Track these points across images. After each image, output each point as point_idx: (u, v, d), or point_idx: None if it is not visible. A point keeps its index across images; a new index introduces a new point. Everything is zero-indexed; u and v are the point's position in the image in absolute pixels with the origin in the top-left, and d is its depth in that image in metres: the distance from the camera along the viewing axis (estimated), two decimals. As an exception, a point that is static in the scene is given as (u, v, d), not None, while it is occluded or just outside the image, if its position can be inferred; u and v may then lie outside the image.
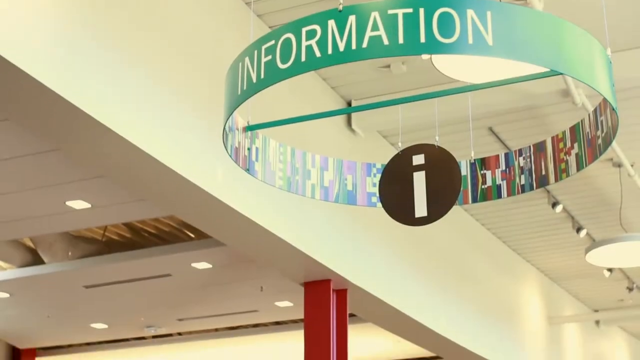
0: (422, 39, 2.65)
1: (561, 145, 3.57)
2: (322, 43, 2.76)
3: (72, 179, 7.60)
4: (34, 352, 13.30)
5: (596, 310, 15.09)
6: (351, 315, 8.63)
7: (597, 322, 15.31)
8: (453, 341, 10.15)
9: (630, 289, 13.19)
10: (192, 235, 10.08)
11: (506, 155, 3.72)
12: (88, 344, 13.55)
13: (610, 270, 12.29)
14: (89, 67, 5.23)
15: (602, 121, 3.34)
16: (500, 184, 3.68)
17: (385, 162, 3.61)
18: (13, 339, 12.88)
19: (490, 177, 3.70)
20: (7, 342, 12.99)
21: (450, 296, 10.34)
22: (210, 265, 9.65)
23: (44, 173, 7.51)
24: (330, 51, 2.74)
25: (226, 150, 3.39)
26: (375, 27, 2.69)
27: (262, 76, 2.93)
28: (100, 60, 5.33)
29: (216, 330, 12.90)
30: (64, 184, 7.69)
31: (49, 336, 12.92)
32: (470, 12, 2.66)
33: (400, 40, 2.67)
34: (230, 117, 3.26)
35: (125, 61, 5.56)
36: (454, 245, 10.66)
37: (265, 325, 12.50)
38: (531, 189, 3.63)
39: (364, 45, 2.69)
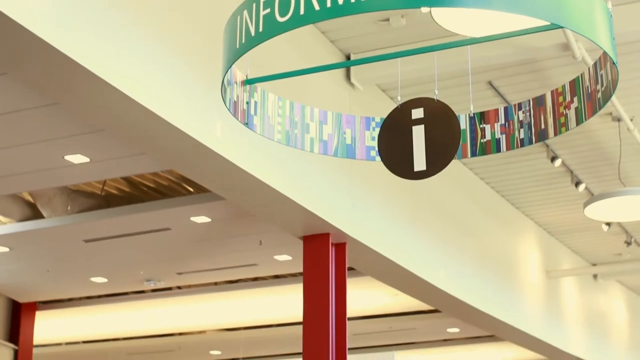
0: (422, -8, 2.63)
1: (561, 99, 3.56)
2: (321, -4, 2.74)
3: (70, 133, 7.58)
4: (35, 306, 13.36)
5: (594, 264, 15.14)
6: (350, 268, 8.66)
7: (595, 276, 15.38)
8: (451, 294, 10.20)
9: (628, 243, 13.24)
10: (191, 190, 10.09)
11: (505, 109, 3.72)
12: (88, 297, 13.61)
13: (608, 224, 12.32)
14: (89, 21, 5.20)
15: (602, 75, 3.32)
16: (499, 138, 3.68)
17: (384, 115, 3.60)
18: (13, 293, 12.93)
19: (490, 131, 3.70)
20: (7, 296, 13.04)
21: (449, 250, 10.38)
22: (209, 219, 9.66)
23: (42, 127, 7.49)
24: (329, 4, 2.72)
25: (225, 104, 3.38)
26: (374, -20, 2.66)
27: (261, 29, 2.91)
28: (100, 15, 5.30)
29: (215, 284, 12.94)
30: (62, 138, 7.68)
31: (49, 290, 12.96)
32: (470, -35, 2.64)
33: (400, -7, 2.65)
34: (229, 71, 3.25)
35: (125, 16, 5.53)
36: (453, 199, 10.68)
37: (264, 279, 12.54)
38: (530, 143, 3.62)
39: (363, -2, 2.67)
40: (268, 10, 2.88)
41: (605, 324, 15.83)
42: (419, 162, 3.40)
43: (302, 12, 2.77)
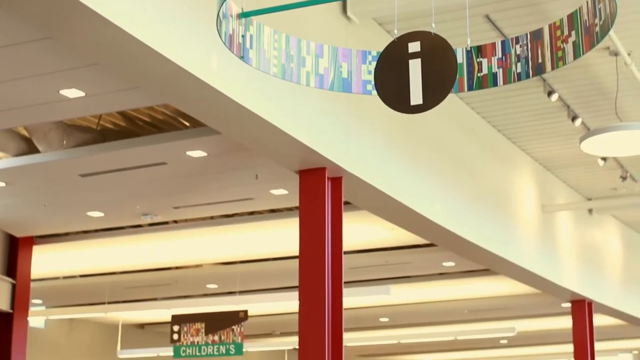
0: None
1: (558, 33, 3.54)
2: None
3: (65, 67, 7.53)
4: (32, 240, 13.40)
5: (589, 199, 15.19)
6: (346, 203, 8.69)
7: (590, 211, 15.43)
8: (447, 229, 10.25)
9: (623, 178, 13.26)
10: (187, 124, 10.07)
11: (503, 42, 3.70)
12: (85, 232, 13.65)
13: (604, 159, 12.34)
14: (80, -48, 5.14)
15: (600, 9, 3.30)
16: (496, 72, 3.67)
17: (381, 49, 3.58)
18: (10, 228, 12.97)
19: (487, 64, 3.68)
20: (4, 230, 13.09)
21: (445, 184, 10.40)
22: (205, 154, 9.66)
23: (37, 61, 7.44)
24: None
25: (220, 37, 3.36)
26: None
27: (256, -39, 2.88)
28: (92, -55, 5.24)
29: (212, 218, 12.97)
30: (57, 72, 7.64)
31: (45, 224, 13.00)
32: None
33: None
34: (224, 4, 3.22)
35: (116, -54, 5.46)
36: (449, 134, 10.67)
37: (260, 213, 12.56)
38: (527, 77, 3.61)
39: None
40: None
41: (599, 259, 15.93)
42: (416, 96, 3.39)
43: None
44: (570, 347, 15.52)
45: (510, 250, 12.05)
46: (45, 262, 15.17)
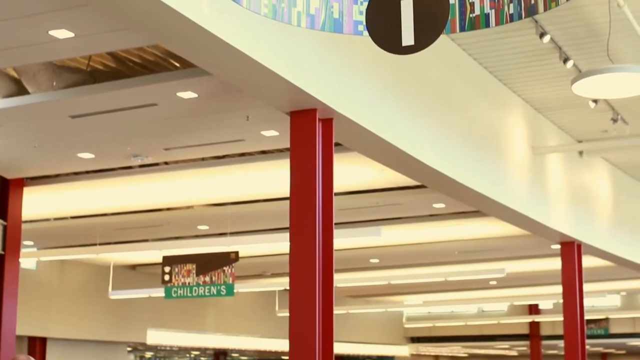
0: None
1: (551, -28, 3.52)
2: None
3: (55, 7, 7.47)
4: (22, 182, 13.38)
5: (580, 141, 15.21)
6: (337, 144, 8.68)
7: (581, 153, 15.46)
8: (438, 170, 10.26)
9: (614, 120, 13.27)
10: (178, 65, 10.01)
11: (495, -17, 3.67)
12: (75, 173, 13.62)
13: (595, 101, 12.33)
14: None
15: (593, -52, 3.28)
16: (488, 13, 3.64)
17: (373, -11, 3.55)
18: (1, 169, 12.95)
19: (479, 5, 3.66)
20: (-5, 172, 13.08)
21: (436, 125, 10.39)
22: (195, 95, 9.61)
23: (26, 2, 7.38)
24: None
25: (210, -24, 3.33)
26: None
27: None
28: None
29: (202, 159, 12.95)
30: (46, 13, 7.57)
31: (36, 166, 12.97)
32: None
33: None
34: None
35: None
36: (441, 75, 10.64)
37: (251, 154, 12.55)
38: (519, 18, 3.59)
39: None
40: None
41: (589, 201, 15.99)
42: (407, 37, 3.37)
43: None
44: (559, 289, 15.67)
45: (501, 191, 12.09)
46: (36, 203, 15.16)
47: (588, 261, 16.58)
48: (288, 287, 8.28)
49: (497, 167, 12.15)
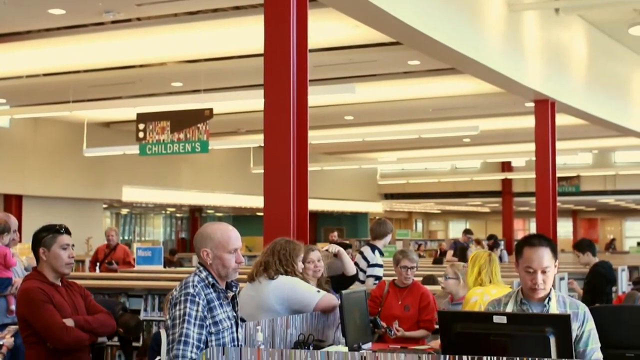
0: None
1: None
2: None
3: None
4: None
5: (556, -2, 15.07)
6: (311, 0, 8.57)
7: (557, 10, 15.32)
8: (413, 27, 10.17)
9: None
10: None
11: None
12: (47, 30, 13.42)
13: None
14: None
15: None
16: None
17: None
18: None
19: None
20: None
21: (412, -18, 10.25)
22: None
23: None
24: None
25: None
26: None
27: None
28: None
29: (175, 15, 12.76)
30: None
31: (6, 22, 12.77)
32: None
33: None
34: None
35: None
36: None
37: (224, 10, 12.37)
38: None
39: None
40: None
41: (565, 59, 15.96)
42: None
43: None
44: (532, 146, 15.78)
45: (476, 48, 12.02)
46: (7, 61, 15.01)
47: (561, 119, 16.66)
48: (262, 144, 8.30)
49: (473, 24, 12.06)
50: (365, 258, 8.70)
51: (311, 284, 5.99)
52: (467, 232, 19.16)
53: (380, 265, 8.71)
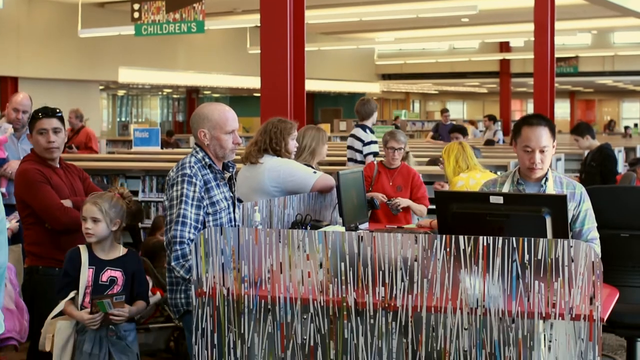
0: None
1: None
2: None
3: None
4: None
5: None
6: None
7: None
8: None
9: None
10: None
11: None
12: None
13: None
14: None
15: None
16: None
17: None
18: None
19: None
20: None
21: None
22: None
23: None
24: None
25: None
26: None
27: None
28: None
29: None
30: None
31: None
32: None
33: None
34: None
35: None
36: None
37: None
38: None
39: None
40: None
41: None
42: None
43: None
44: (530, 26, 15.61)
45: None
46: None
47: (561, -2, 16.46)
48: (259, 24, 8.21)
49: None
50: (359, 139, 8.75)
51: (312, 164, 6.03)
52: (444, 111, 21.12)
53: (375, 142, 8.78)
